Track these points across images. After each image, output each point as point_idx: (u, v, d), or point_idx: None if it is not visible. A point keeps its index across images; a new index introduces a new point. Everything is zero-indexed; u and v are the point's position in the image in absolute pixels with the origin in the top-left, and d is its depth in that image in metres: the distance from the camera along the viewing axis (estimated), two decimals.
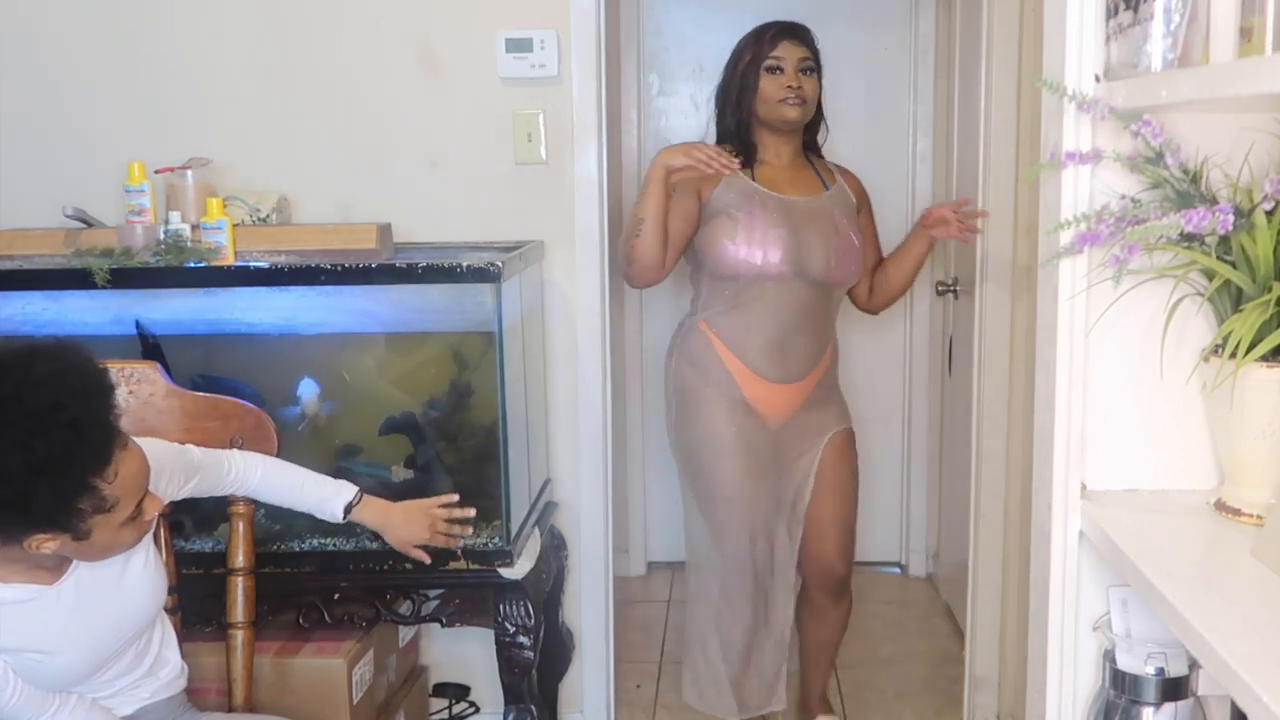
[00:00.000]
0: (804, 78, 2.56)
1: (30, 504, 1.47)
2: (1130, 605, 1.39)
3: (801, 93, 2.54)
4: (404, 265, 2.31)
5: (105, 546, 1.60)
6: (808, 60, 2.57)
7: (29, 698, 1.64)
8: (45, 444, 1.45)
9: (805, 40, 2.59)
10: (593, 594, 2.87)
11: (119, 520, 1.56)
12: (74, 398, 1.49)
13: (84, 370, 1.53)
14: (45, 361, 1.51)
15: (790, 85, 2.54)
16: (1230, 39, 1.12)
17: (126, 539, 1.62)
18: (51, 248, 2.45)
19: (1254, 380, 1.26)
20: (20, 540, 1.51)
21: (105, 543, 1.58)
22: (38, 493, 1.46)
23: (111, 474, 1.52)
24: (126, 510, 1.57)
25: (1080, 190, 1.38)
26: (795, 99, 2.54)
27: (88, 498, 1.50)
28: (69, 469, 1.48)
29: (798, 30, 2.59)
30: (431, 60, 2.68)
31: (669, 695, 3.21)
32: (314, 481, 2.02)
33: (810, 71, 2.58)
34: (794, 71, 2.55)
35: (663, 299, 3.98)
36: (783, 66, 2.55)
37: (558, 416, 2.81)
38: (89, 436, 1.49)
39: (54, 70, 2.72)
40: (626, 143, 3.89)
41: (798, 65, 2.55)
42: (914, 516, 4.05)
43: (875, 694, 3.19)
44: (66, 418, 1.47)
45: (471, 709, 2.84)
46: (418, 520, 2.10)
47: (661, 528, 4.12)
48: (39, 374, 1.48)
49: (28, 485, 1.45)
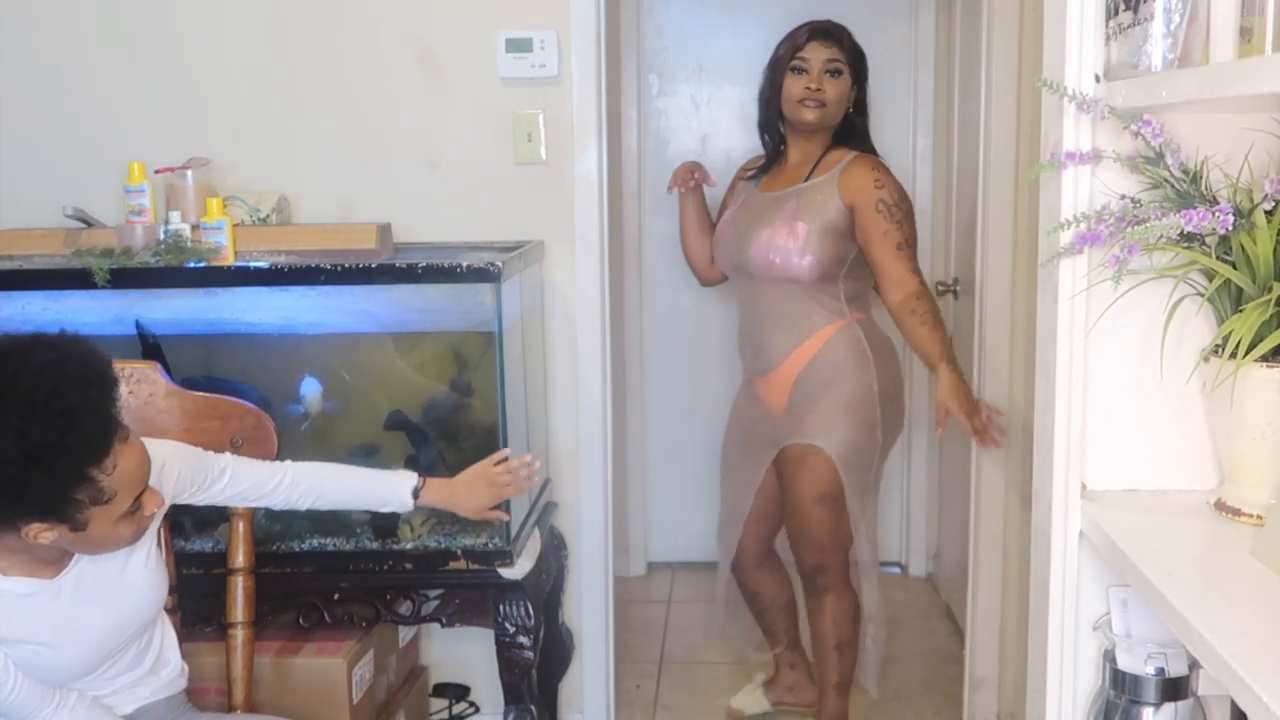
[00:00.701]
0: (829, 79, 2.57)
1: (24, 491, 1.47)
2: (1130, 605, 1.39)
3: (821, 95, 2.56)
4: (404, 265, 2.31)
5: (102, 539, 1.60)
6: (835, 62, 2.57)
7: (29, 692, 1.65)
8: (39, 431, 1.45)
9: (838, 40, 2.59)
10: (593, 594, 2.87)
11: (116, 513, 1.56)
12: (71, 387, 1.49)
13: (84, 361, 1.53)
14: (45, 350, 1.51)
15: (810, 87, 2.56)
16: (1230, 39, 1.12)
17: (124, 533, 1.62)
18: (51, 248, 2.45)
19: (1254, 380, 1.26)
20: (17, 528, 1.52)
21: (102, 535, 1.58)
22: (31, 479, 1.46)
23: (110, 466, 1.52)
24: (124, 504, 1.57)
25: (1080, 190, 1.38)
26: (813, 101, 2.56)
27: (84, 488, 1.51)
28: (63, 457, 1.48)
29: (831, 31, 2.60)
30: (431, 60, 2.68)
31: (669, 695, 3.21)
32: (372, 477, 2.03)
33: (838, 74, 2.58)
34: (818, 73, 2.56)
35: (663, 299, 3.98)
36: (807, 68, 2.57)
37: (558, 416, 2.81)
38: (84, 425, 1.49)
39: (54, 70, 2.72)
40: (626, 143, 3.89)
41: (823, 66, 2.57)
42: (914, 516, 4.05)
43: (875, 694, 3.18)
44: (61, 406, 1.47)
45: (471, 709, 2.84)
46: (480, 487, 2.09)
47: (661, 528, 4.12)
48: (37, 362, 1.49)
49: (22, 472, 1.45)
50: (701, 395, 3.95)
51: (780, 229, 2.55)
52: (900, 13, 3.83)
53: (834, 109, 2.58)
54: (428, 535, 2.44)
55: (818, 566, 2.69)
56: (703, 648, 3.48)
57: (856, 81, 2.63)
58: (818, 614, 2.75)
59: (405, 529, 2.43)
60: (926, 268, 3.86)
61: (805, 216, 2.55)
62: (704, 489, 4.02)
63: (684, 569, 4.09)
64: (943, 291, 3.53)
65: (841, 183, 2.56)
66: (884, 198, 2.52)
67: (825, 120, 2.59)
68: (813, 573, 2.70)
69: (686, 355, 4.00)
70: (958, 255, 3.42)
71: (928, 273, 3.85)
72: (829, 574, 2.70)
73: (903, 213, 2.54)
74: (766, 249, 2.57)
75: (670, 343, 4.01)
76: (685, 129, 3.94)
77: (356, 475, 2.02)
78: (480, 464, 2.12)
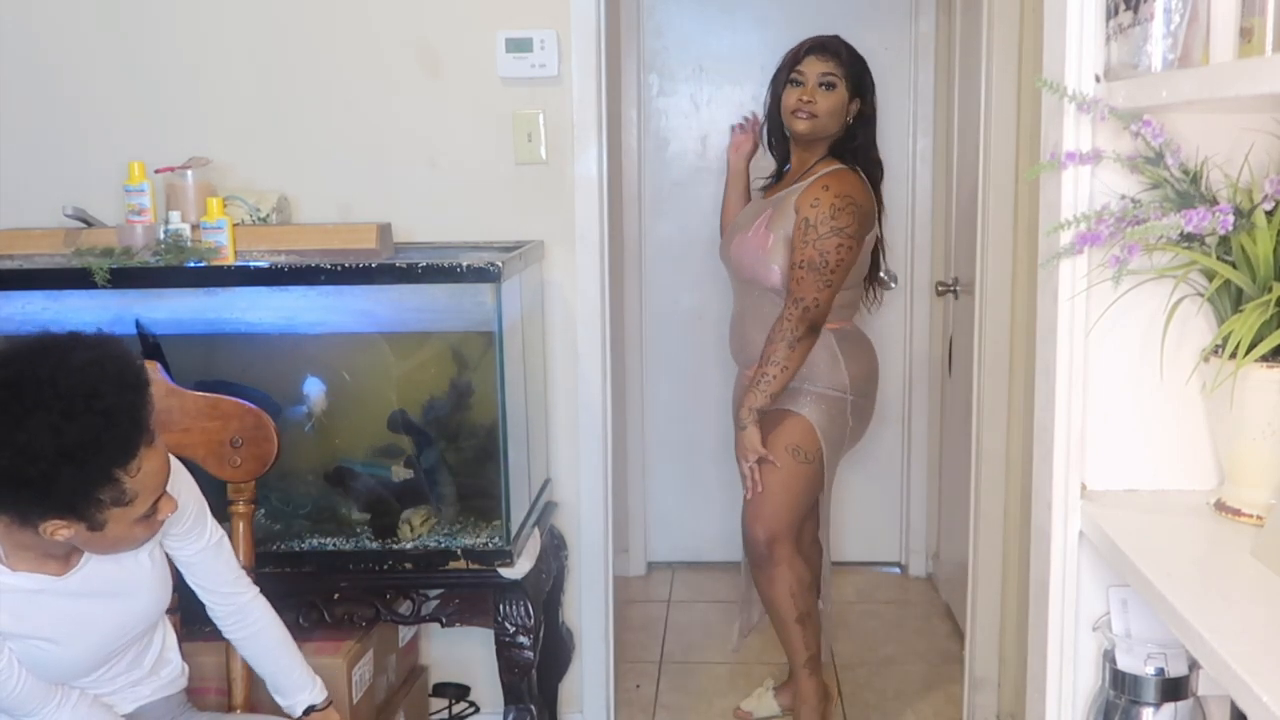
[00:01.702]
0: (823, 92, 2.64)
1: (52, 487, 1.47)
2: (1130, 605, 1.39)
3: (812, 107, 2.64)
4: (404, 265, 2.31)
5: (116, 540, 1.60)
6: (830, 75, 2.65)
7: (32, 689, 1.65)
8: (76, 429, 1.46)
9: (835, 54, 2.66)
10: (593, 594, 2.87)
11: (134, 516, 1.57)
12: (109, 387, 1.50)
13: (121, 362, 1.54)
14: (84, 350, 1.52)
15: (803, 99, 2.65)
16: (1230, 39, 1.12)
17: (138, 536, 1.63)
18: (51, 248, 2.45)
19: (1254, 380, 1.26)
20: (35, 524, 1.52)
21: (117, 536, 1.59)
22: (61, 477, 1.47)
23: (135, 468, 1.53)
24: (143, 507, 1.57)
25: (1080, 190, 1.38)
26: (804, 113, 2.65)
27: (109, 489, 1.51)
28: (96, 457, 1.48)
29: (827, 44, 2.68)
30: (432, 60, 2.68)
31: (669, 695, 3.21)
32: (290, 669, 1.92)
33: (832, 87, 2.64)
34: (813, 85, 2.65)
35: (663, 299, 3.98)
36: (803, 80, 2.66)
37: (558, 416, 2.81)
38: (119, 427, 1.50)
39: (54, 70, 2.72)
40: (626, 143, 3.89)
41: (818, 79, 2.65)
42: (914, 516, 4.05)
43: (875, 694, 3.19)
44: (100, 405, 1.48)
45: (471, 709, 2.84)
46: None
47: (661, 528, 4.12)
48: (77, 360, 1.50)
49: (54, 469, 1.46)
50: (701, 395, 3.95)
51: (754, 235, 2.66)
52: (900, 13, 3.83)
53: (826, 120, 2.65)
54: (428, 535, 2.44)
55: (773, 535, 2.68)
56: (703, 648, 3.48)
57: (859, 94, 2.68)
58: (771, 587, 2.74)
59: (405, 529, 2.44)
60: (927, 267, 3.88)
61: (774, 226, 2.64)
62: (704, 489, 4.03)
63: (684, 569, 4.10)
64: (943, 291, 3.53)
65: (799, 196, 2.61)
66: (809, 215, 2.56)
67: (817, 131, 2.66)
68: (769, 541, 2.69)
69: (686, 355, 4.00)
70: (958, 255, 3.41)
71: (928, 272, 3.87)
72: (782, 543, 2.70)
73: (821, 233, 2.54)
74: (741, 253, 2.70)
75: (670, 343, 4.01)
76: (685, 129, 3.94)
77: (282, 653, 1.92)
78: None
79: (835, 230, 2.54)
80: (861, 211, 2.59)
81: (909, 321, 3.95)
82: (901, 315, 3.93)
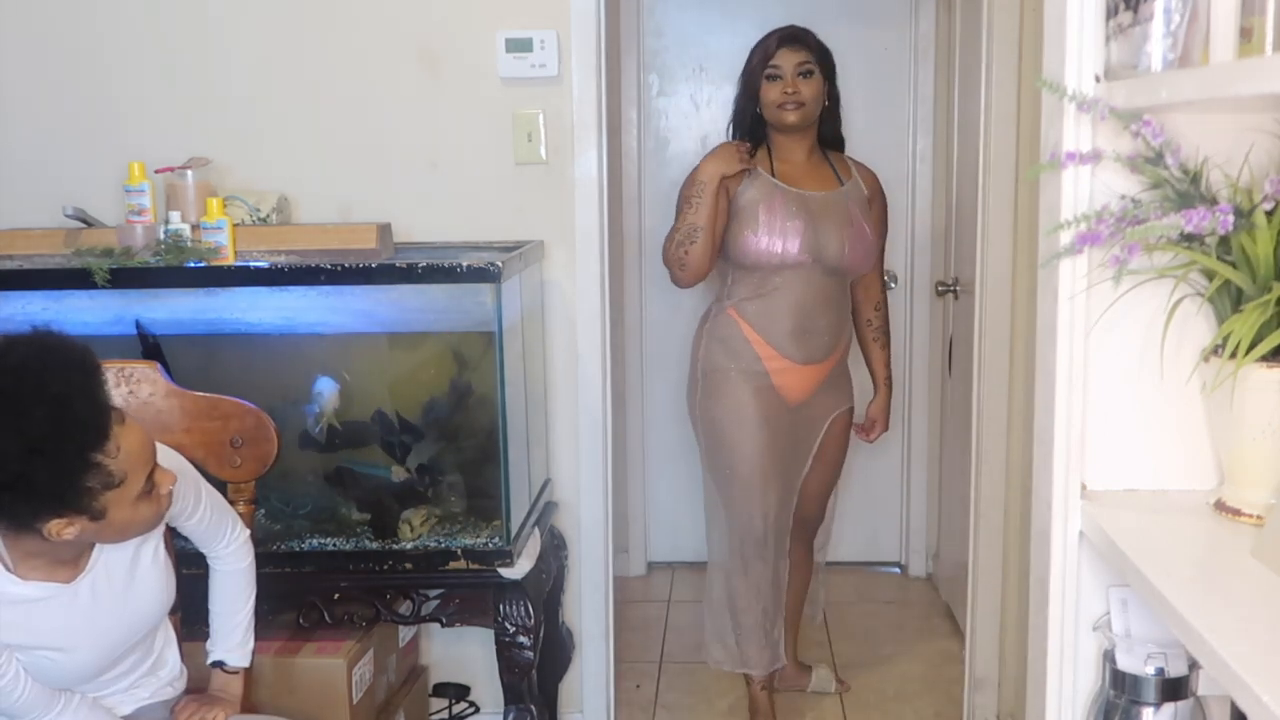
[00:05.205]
0: (802, 81, 2.70)
1: (33, 485, 1.47)
2: (1130, 605, 1.39)
3: (798, 96, 2.70)
4: (404, 265, 2.31)
5: (125, 525, 1.60)
6: (806, 64, 2.71)
7: (36, 696, 1.65)
8: (34, 423, 1.45)
9: (805, 43, 2.72)
10: (593, 594, 2.87)
11: (131, 495, 1.56)
12: (54, 375, 1.49)
13: (62, 349, 1.53)
14: (21, 346, 1.51)
15: (787, 91, 2.69)
16: (1230, 39, 1.12)
17: (146, 515, 1.62)
18: (51, 248, 2.45)
19: (1254, 380, 1.26)
20: (36, 528, 1.51)
21: (124, 520, 1.58)
22: (36, 471, 1.46)
23: (113, 449, 1.52)
24: (137, 485, 1.57)
25: (1080, 190, 1.38)
26: (792, 104, 2.70)
27: (93, 474, 1.50)
28: (63, 444, 1.48)
29: (797, 35, 2.73)
30: (432, 60, 2.68)
31: (669, 695, 3.21)
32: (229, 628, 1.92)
33: (809, 74, 2.71)
34: (792, 77, 2.70)
35: (663, 299, 3.98)
36: (781, 74, 2.70)
37: (558, 416, 2.81)
38: (76, 410, 1.49)
39: (54, 70, 2.72)
40: (626, 143, 3.89)
41: (795, 70, 2.70)
42: (914, 516, 4.04)
43: (875, 694, 3.19)
44: (49, 394, 1.47)
45: (471, 709, 2.84)
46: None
47: (661, 528, 4.12)
48: (16, 358, 1.49)
49: (26, 466, 1.45)
50: None
51: (858, 226, 2.74)
52: (900, 13, 3.83)
53: (812, 107, 2.73)
54: (428, 535, 2.44)
55: (819, 516, 2.98)
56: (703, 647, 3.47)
57: (826, 78, 2.76)
58: (809, 571, 3.04)
59: (405, 529, 2.44)
60: (926, 267, 3.88)
61: (861, 215, 2.77)
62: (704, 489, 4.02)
63: (684, 569, 4.09)
64: (943, 291, 3.53)
65: (868, 182, 2.85)
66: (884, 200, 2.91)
67: (806, 119, 2.73)
68: (817, 522, 2.98)
69: (686, 355, 3.98)
70: (958, 255, 3.41)
71: (928, 272, 3.87)
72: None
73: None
74: (858, 243, 2.74)
75: (670, 343, 4.00)
76: (685, 129, 3.93)
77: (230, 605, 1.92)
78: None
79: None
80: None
81: (909, 321, 3.95)
82: (901, 315, 3.92)
